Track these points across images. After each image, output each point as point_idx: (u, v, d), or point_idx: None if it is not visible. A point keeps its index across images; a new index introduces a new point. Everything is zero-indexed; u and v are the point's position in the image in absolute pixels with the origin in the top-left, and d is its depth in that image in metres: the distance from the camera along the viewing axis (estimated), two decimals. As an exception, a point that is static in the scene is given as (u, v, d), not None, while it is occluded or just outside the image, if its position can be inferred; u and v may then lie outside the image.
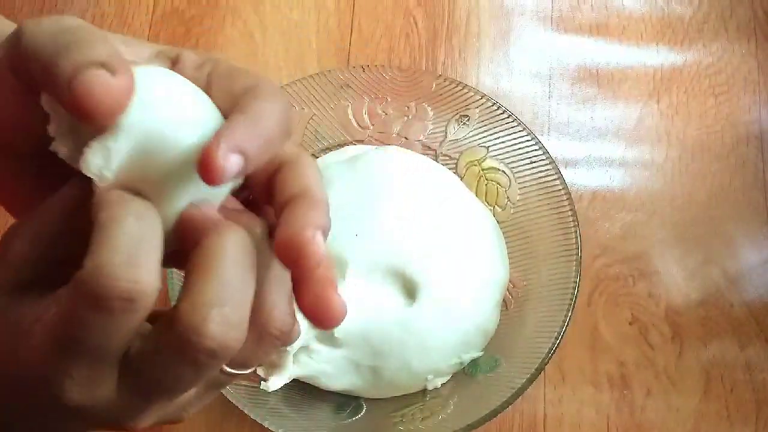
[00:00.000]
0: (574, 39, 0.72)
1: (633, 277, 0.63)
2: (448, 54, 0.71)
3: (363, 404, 0.57)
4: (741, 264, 0.64)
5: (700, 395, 0.60)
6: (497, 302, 0.58)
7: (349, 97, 0.63)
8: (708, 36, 0.72)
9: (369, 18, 0.72)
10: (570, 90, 0.70)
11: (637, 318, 0.62)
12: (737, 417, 0.59)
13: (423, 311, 0.55)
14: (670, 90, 0.70)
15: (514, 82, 0.70)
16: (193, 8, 0.72)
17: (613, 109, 0.69)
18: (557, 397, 0.59)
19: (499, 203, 0.62)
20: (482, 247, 0.59)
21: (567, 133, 0.68)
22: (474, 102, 0.62)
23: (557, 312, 0.54)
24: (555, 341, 0.53)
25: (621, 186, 0.67)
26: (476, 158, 0.63)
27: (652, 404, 0.59)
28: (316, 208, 0.25)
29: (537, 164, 0.60)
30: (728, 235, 0.65)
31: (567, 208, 0.58)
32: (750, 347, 0.61)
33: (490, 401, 0.52)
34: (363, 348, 0.54)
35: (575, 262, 0.56)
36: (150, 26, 0.71)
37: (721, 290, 0.63)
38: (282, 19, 0.72)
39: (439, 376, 0.56)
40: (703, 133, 0.68)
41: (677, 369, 0.60)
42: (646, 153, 0.68)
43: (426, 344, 0.55)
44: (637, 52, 0.71)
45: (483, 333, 0.57)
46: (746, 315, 0.62)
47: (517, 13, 0.73)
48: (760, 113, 0.69)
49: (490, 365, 0.56)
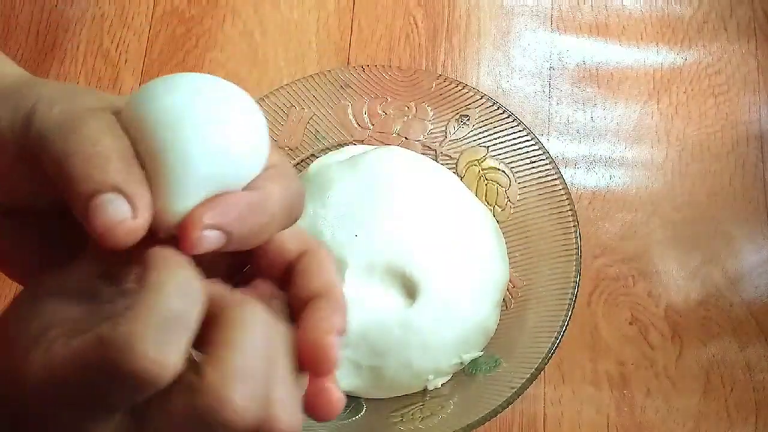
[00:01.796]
0: (574, 39, 0.72)
1: (633, 277, 0.63)
2: (448, 54, 0.71)
3: (363, 404, 0.57)
4: (741, 264, 0.64)
5: (700, 395, 0.60)
6: (497, 302, 0.58)
7: (349, 97, 0.63)
8: (708, 36, 0.72)
9: (369, 18, 0.72)
10: (570, 90, 0.70)
11: (637, 318, 0.62)
12: (737, 417, 0.59)
13: (423, 311, 0.55)
14: (669, 90, 0.70)
15: (514, 82, 0.70)
16: (193, 8, 0.72)
17: (613, 109, 0.69)
18: (557, 396, 0.59)
19: (499, 203, 0.62)
20: (482, 247, 0.59)
21: (567, 133, 0.68)
22: (474, 102, 0.62)
23: (557, 312, 0.54)
24: (555, 341, 0.53)
25: (621, 186, 0.67)
26: (476, 158, 0.63)
27: (652, 404, 0.59)
28: (338, 312, 0.26)
29: (537, 164, 0.60)
30: (728, 234, 0.65)
31: (567, 208, 0.58)
32: (750, 347, 0.61)
33: (490, 401, 0.51)
34: (363, 348, 0.54)
35: (575, 262, 0.56)
36: (150, 26, 0.71)
37: (721, 290, 0.63)
38: (282, 18, 0.72)
39: (439, 376, 0.56)
40: (702, 133, 0.68)
41: (677, 369, 0.60)
42: (645, 153, 0.68)
43: (426, 344, 0.55)
44: (637, 52, 0.71)
45: (483, 333, 0.57)
46: (746, 315, 0.62)
47: (517, 12, 0.73)
48: (760, 113, 0.69)
49: (490, 365, 0.56)
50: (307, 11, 0.72)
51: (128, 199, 0.23)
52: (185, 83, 0.25)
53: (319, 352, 0.25)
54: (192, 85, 0.25)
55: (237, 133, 0.25)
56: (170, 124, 0.24)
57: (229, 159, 0.25)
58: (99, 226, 0.23)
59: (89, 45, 0.70)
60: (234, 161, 0.25)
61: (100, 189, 0.23)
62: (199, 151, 0.24)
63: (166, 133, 0.24)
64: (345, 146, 0.64)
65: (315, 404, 0.26)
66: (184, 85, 0.25)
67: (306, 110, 0.63)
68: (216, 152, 0.24)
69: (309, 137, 0.63)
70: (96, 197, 0.23)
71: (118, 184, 0.23)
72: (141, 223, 0.24)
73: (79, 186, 0.23)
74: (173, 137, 0.24)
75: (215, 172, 0.24)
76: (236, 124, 0.25)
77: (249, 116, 0.26)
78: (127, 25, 0.71)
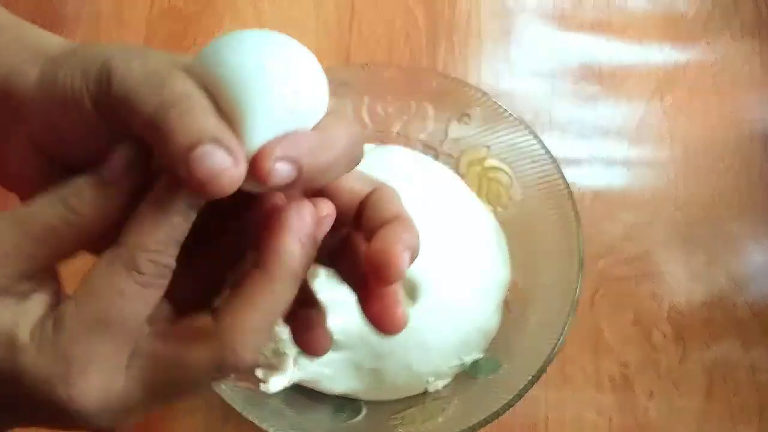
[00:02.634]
0: (576, 37, 0.72)
1: (636, 277, 0.63)
2: (448, 52, 0.70)
3: (363, 406, 0.57)
4: (745, 265, 0.64)
5: (704, 396, 0.59)
6: (498, 303, 0.58)
7: (348, 95, 0.63)
8: (712, 34, 0.71)
9: (369, 16, 0.72)
10: (572, 88, 0.69)
11: (640, 319, 0.62)
12: (741, 418, 0.59)
13: (424, 313, 0.55)
14: (673, 88, 0.69)
15: (515, 81, 0.70)
16: (190, 6, 0.72)
17: (615, 107, 0.69)
18: (559, 399, 0.59)
19: (501, 203, 0.62)
20: (483, 247, 0.59)
21: (569, 132, 0.68)
22: (475, 101, 0.62)
23: (559, 313, 0.54)
24: (557, 342, 0.52)
25: (624, 185, 0.66)
26: (477, 157, 0.63)
27: (655, 406, 0.59)
28: (409, 231, 0.29)
29: (539, 163, 0.60)
30: (732, 235, 0.64)
31: (569, 207, 0.57)
32: (753, 348, 0.61)
33: (492, 403, 0.51)
34: (363, 350, 0.54)
35: (577, 263, 0.55)
36: (147, 24, 0.71)
37: (725, 291, 0.63)
38: (281, 16, 0.72)
39: (440, 377, 0.56)
40: (707, 132, 0.68)
41: (680, 370, 0.60)
42: (649, 152, 0.67)
43: (427, 346, 0.55)
44: (640, 50, 0.71)
45: (484, 334, 0.57)
46: (750, 316, 0.62)
47: (519, 10, 0.72)
48: (765, 112, 0.68)
49: (492, 367, 0.56)
50: (307, 9, 0.72)
51: (227, 149, 0.24)
52: (251, 40, 0.27)
53: (385, 257, 0.27)
54: (258, 41, 0.27)
55: (303, 85, 0.27)
56: (242, 80, 0.26)
57: (298, 109, 0.26)
58: (203, 175, 0.24)
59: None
60: (302, 111, 0.27)
61: (200, 140, 0.24)
62: (271, 104, 0.26)
63: (239, 89, 0.26)
64: (345, 145, 0.63)
65: (381, 319, 0.29)
66: (251, 41, 0.27)
67: (305, 109, 0.62)
68: (285, 105, 0.26)
69: (308, 136, 0.63)
70: (197, 148, 0.24)
71: (216, 136, 0.24)
72: (242, 172, 0.25)
73: (178, 138, 0.24)
74: (246, 92, 0.26)
75: (286, 121, 0.26)
76: (301, 76, 0.27)
77: (312, 68, 0.27)
78: (124, 23, 0.71)
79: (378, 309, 0.29)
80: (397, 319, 0.29)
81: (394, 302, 0.29)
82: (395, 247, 0.28)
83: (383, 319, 0.29)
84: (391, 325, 0.29)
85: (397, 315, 0.29)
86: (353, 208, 0.30)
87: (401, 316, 0.29)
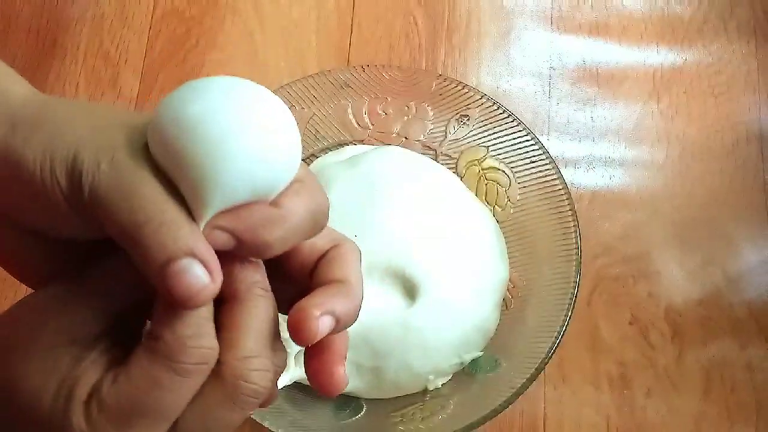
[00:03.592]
0: (574, 39, 0.72)
1: (633, 277, 0.63)
2: (448, 54, 0.71)
3: (363, 404, 0.57)
4: (741, 264, 0.64)
5: (701, 395, 0.60)
6: (497, 302, 0.58)
7: (349, 96, 0.63)
8: (708, 36, 0.72)
9: (369, 18, 0.72)
10: (570, 90, 0.70)
11: (638, 318, 0.62)
12: (738, 417, 0.59)
13: (423, 311, 0.55)
14: (670, 90, 0.70)
15: (514, 82, 0.70)
16: (193, 8, 0.72)
17: (613, 108, 0.69)
18: (557, 397, 0.59)
19: (499, 203, 0.62)
20: (482, 246, 0.59)
21: (567, 133, 0.68)
22: (474, 102, 0.62)
23: (557, 312, 0.54)
24: (555, 341, 0.53)
25: (621, 186, 0.67)
26: (476, 158, 0.63)
27: (653, 404, 0.59)
28: (343, 297, 0.28)
29: (537, 164, 0.60)
30: (728, 235, 0.65)
31: (567, 207, 0.58)
32: (750, 347, 0.61)
33: (491, 401, 0.51)
34: (363, 349, 0.54)
35: (575, 262, 0.55)
36: (150, 26, 0.71)
37: (722, 290, 0.63)
38: (282, 18, 0.72)
39: (439, 376, 0.56)
40: (703, 133, 0.68)
41: (677, 369, 0.60)
42: (646, 153, 0.68)
43: (426, 344, 0.55)
44: (637, 52, 0.71)
45: (483, 333, 0.57)
46: (746, 315, 0.62)
47: (517, 12, 0.73)
48: (760, 113, 0.69)
49: (491, 365, 0.56)
50: (307, 11, 0.72)
51: (204, 263, 0.24)
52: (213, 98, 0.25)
53: (297, 318, 0.26)
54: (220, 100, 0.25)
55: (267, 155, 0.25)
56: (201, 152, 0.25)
57: (257, 182, 0.25)
58: (181, 293, 0.24)
59: (89, 44, 0.70)
60: (263, 182, 0.26)
61: (176, 256, 0.24)
62: (228, 179, 0.25)
63: (197, 160, 0.25)
64: (345, 146, 0.64)
65: (318, 377, 0.28)
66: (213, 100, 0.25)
67: (306, 110, 0.62)
68: (244, 179, 0.25)
69: (309, 137, 0.63)
70: (172, 264, 0.24)
71: (191, 249, 0.24)
72: (218, 285, 0.25)
73: (153, 254, 0.24)
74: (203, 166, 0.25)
75: (244, 191, 0.25)
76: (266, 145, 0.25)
77: (279, 129, 0.26)
78: (128, 24, 0.71)
79: (315, 366, 0.28)
80: (335, 379, 0.28)
81: (333, 361, 0.28)
82: (311, 310, 0.27)
83: (320, 377, 0.28)
84: (329, 384, 0.28)
85: (336, 375, 0.28)
86: (312, 263, 0.29)
87: (340, 376, 0.28)
